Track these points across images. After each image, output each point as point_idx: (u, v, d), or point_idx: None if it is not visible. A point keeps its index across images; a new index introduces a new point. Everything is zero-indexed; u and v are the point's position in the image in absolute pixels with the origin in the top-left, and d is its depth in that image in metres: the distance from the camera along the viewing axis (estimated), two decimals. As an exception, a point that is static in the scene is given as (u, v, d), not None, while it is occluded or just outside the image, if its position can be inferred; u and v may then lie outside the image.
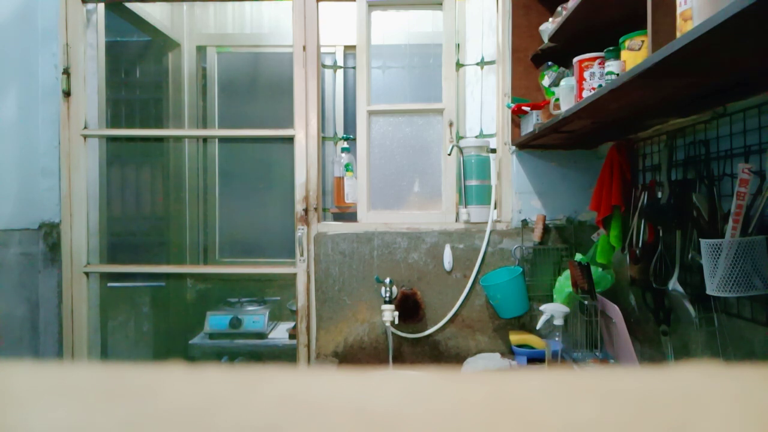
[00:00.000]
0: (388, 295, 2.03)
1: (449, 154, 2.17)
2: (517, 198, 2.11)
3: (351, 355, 2.13)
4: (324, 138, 2.84)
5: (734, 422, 0.16)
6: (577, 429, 0.15)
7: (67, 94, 2.11)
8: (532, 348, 1.94)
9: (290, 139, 2.14)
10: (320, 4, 2.14)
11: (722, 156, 1.26)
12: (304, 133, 2.13)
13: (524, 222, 2.09)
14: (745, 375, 0.19)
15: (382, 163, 2.21)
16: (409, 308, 2.06)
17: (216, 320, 2.42)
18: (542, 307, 1.82)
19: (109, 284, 2.37)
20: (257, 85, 2.96)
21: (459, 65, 2.60)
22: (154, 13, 2.57)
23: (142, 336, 2.71)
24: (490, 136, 2.44)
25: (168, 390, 0.18)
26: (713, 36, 0.75)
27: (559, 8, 1.74)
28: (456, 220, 2.17)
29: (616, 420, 0.16)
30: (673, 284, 1.37)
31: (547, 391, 0.18)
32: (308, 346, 2.14)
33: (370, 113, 2.17)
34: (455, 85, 2.25)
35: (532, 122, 1.85)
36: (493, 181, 2.17)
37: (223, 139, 2.96)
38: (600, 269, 1.83)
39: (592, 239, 1.91)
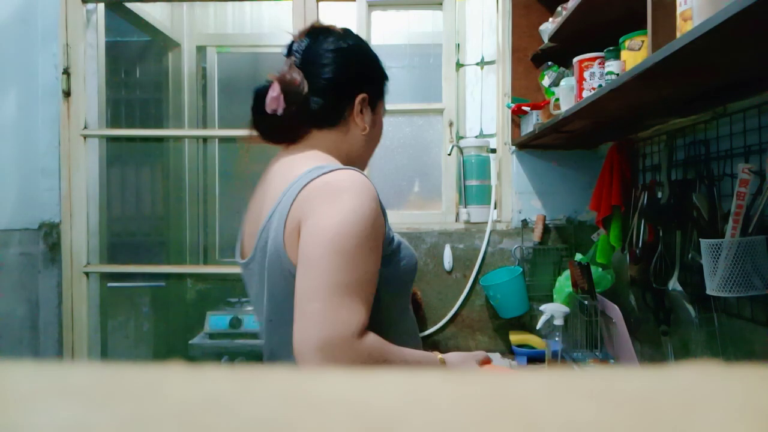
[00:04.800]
0: (388, 295, 2.03)
1: (449, 154, 2.17)
2: (517, 198, 2.11)
3: (351, 355, 2.12)
4: (324, 138, 2.84)
5: (734, 422, 0.16)
6: (577, 429, 0.15)
7: (67, 94, 2.11)
8: (532, 348, 1.94)
9: (290, 139, 2.14)
10: (320, 4, 2.15)
11: (722, 156, 1.26)
12: (304, 133, 2.13)
13: (524, 222, 2.09)
14: (745, 375, 0.19)
15: (382, 163, 2.21)
16: (409, 308, 2.06)
17: (216, 320, 2.42)
18: (542, 307, 1.82)
19: (109, 284, 2.37)
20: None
21: (459, 65, 2.59)
22: (154, 13, 2.57)
23: (142, 336, 2.71)
24: (490, 136, 2.44)
25: (168, 390, 0.18)
26: (713, 36, 0.75)
27: (559, 8, 1.74)
28: (456, 220, 2.17)
29: (616, 420, 0.16)
30: (673, 284, 1.37)
31: (547, 391, 0.18)
32: (308, 346, 2.14)
33: (370, 113, 2.16)
34: (455, 85, 2.25)
35: (532, 122, 1.85)
36: (493, 181, 2.17)
37: (223, 139, 2.96)
38: (600, 269, 1.83)
39: (592, 239, 1.91)
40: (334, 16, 2.71)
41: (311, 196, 0.88)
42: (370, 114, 1.04)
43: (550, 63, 1.86)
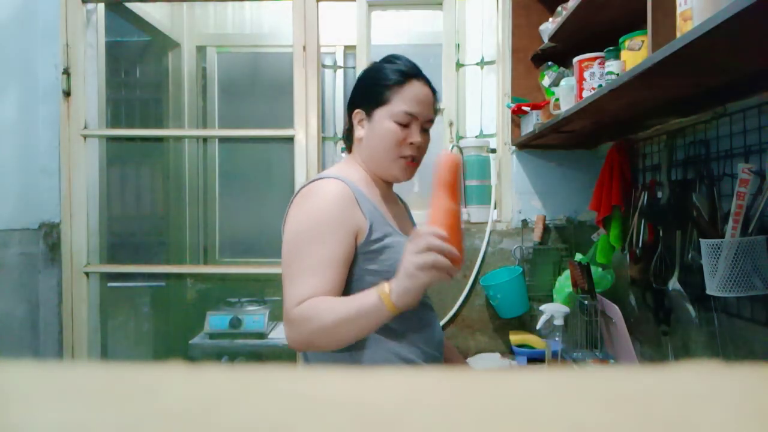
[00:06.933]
0: (388, 295, 2.03)
1: (449, 154, 2.16)
2: (517, 198, 2.11)
3: (351, 355, 2.12)
4: (324, 138, 2.84)
5: (734, 422, 0.16)
6: (577, 429, 0.15)
7: (67, 94, 2.11)
8: (532, 348, 1.93)
9: (290, 139, 2.14)
10: (320, 4, 2.14)
11: (722, 156, 1.26)
12: (304, 133, 2.13)
13: (524, 222, 2.09)
14: (745, 375, 0.19)
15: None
16: (409, 308, 2.06)
17: (216, 320, 2.42)
18: (542, 307, 1.82)
19: (109, 284, 2.37)
20: (257, 85, 2.96)
21: (459, 65, 2.59)
22: (154, 13, 2.57)
23: (142, 336, 2.71)
24: (490, 136, 2.44)
25: (168, 390, 0.18)
26: (713, 36, 0.75)
27: (559, 8, 1.74)
28: (456, 220, 2.17)
29: (616, 420, 0.16)
30: (673, 284, 1.37)
31: (547, 391, 0.18)
32: (308, 346, 2.14)
33: (370, 113, 2.16)
34: (455, 85, 2.25)
35: (532, 122, 1.85)
36: (493, 181, 2.17)
37: (223, 139, 2.96)
38: (600, 269, 1.83)
39: (592, 239, 1.91)
40: (334, 17, 2.71)
41: (291, 204, 1.14)
42: (368, 124, 1.19)
43: (550, 63, 1.86)
